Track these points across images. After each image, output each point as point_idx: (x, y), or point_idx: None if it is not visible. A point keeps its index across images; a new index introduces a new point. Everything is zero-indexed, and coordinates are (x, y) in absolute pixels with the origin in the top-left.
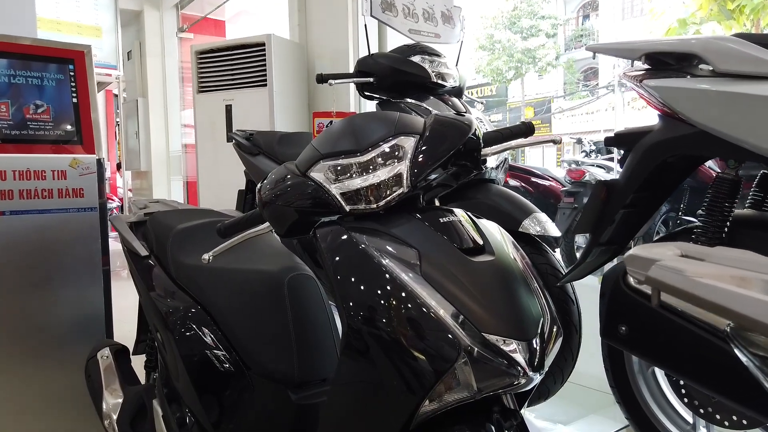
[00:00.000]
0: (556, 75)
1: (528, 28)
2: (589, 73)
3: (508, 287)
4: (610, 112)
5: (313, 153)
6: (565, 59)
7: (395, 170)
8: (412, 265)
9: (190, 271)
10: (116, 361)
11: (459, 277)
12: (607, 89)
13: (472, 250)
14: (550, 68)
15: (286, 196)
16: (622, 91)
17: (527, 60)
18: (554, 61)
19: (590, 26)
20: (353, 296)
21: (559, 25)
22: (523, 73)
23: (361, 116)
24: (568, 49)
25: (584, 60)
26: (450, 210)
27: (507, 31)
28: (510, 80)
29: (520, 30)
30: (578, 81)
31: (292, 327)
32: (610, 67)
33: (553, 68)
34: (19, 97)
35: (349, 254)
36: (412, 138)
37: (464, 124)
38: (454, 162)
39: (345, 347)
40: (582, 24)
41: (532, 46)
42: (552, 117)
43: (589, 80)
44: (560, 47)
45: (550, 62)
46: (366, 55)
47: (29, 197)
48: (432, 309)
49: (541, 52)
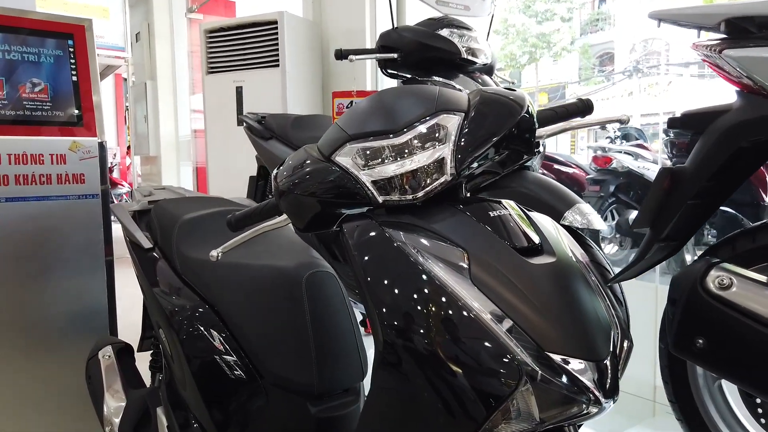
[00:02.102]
0: (571, 60)
1: (543, 12)
2: (604, 58)
3: (573, 295)
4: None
5: (338, 134)
6: (581, 44)
7: (436, 155)
8: (460, 267)
9: (197, 266)
10: (119, 360)
11: (516, 284)
12: (623, 74)
13: (528, 249)
14: (564, 53)
15: (307, 184)
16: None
17: (542, 45)
18: (569, 46)
19: (606, 10)
20: (387, 301)
21: (575, 9)
22: (538, 59)
23: (394, 91)
24: (584, 34)
25: (600, 45)
26: (498, 201)
27: (521, 15)
28: (524, 65)
29: (534, 14)
30: (593, 66)
31: (311, 331)
32: (626, 52)
33: (568, 53)
34: (14, 74)
35: (382, 253)
36: (455, 116)
37: (516, 101)
38: (504, 145)
39: (380, 361)
40: (598, 7)
41: (546, 30)
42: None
43: (605, 65)
44: (576, 32)
45: (565, 47)
46: (389, 29)
47: (26, 183)
48: (485, 322)
49: (556, 37)
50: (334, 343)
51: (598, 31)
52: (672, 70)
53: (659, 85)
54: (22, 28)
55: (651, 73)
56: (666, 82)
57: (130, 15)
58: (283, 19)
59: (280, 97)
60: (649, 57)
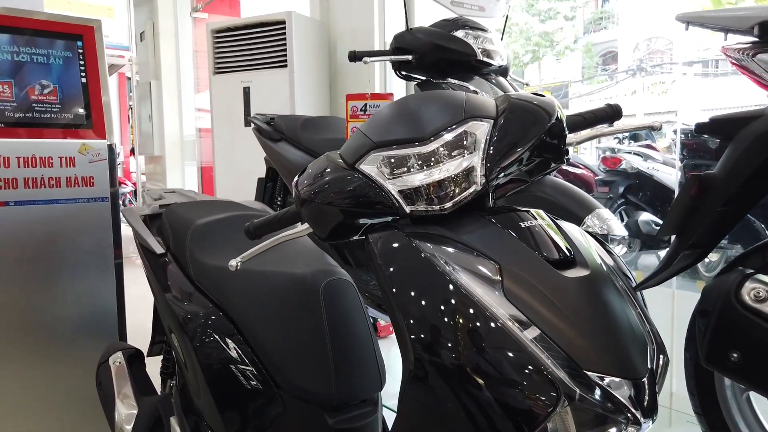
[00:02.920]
0: (574, 59)
1: (546, 10)
2: (608, 57)
3: (609, 310)
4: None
5: (362, 141)
6: (584, 42)
7: (466, 163)
8: (492, 281)
9: (212, 273)
10: (129, 366)
11: (551, 299)
12: (626, 73)
13: (560, 261)
14: (568, 52)
15: (329, 192)
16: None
17: (544, 43)
18: (572, 45)
19: (610, 9)
20: (415, 314)
21: (578, 8)
22: (540, 57)
23: (419, 97)
24: (587, 32)
25: (603, 44)
26: (526, 210)
27: (524, 13)
28: (526, 64)
29: (537, 12)
30: (597, 65)
31: (329, 340)
32: (629, 51)
33: (571, 52)
34: (23, 76)
35: (411, 265)
36: (484, 123)
37: (546, 107)
38: (534, 153)
39: (409, 375)
40: (602, 6)
41: (549, 29)
42: (569, 102)
43: (608, 64)
44: (579, 30)
45: (568, 46)
46: (404, 30)
47: (35, 186)
48: (520, 339)
49: (559, 36)
50: (352, 352)
51: (602, 30)
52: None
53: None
54: (30, 29)
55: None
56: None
57: (135, 14)
58: (291, 19)
59: (288, 98)
60: (652, 56)
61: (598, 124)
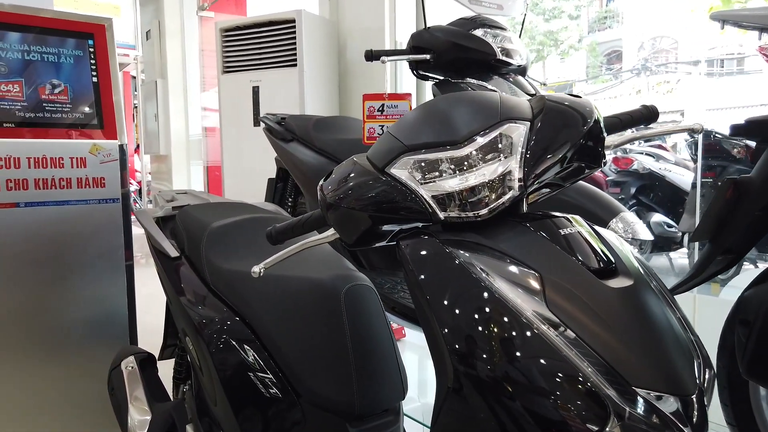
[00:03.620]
0: (579, 58)
1: (551, 9)
2: (612, 56)
3: (655, 323)
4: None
5: (393, 144)
6: (588, 42)
7: (502, 168)
8: (534, 291)
9: (228, 277)
10: (142, 371)
11: (596, 310)
12: (631, 73)
13: (602, 270)
14: (572, 51)
15: (357, 197)
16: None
17: (549, 42)
18: (577, 44)
19: (615, 8)
20: (451, 323)
21: (583, 7)
22: (545, 56)
23: (451, 98)
24: (592, 32)
25: (607, 43)
26: (564, 217)
27: (529, 12)
28: (531, 63)
29: (542, 11)
30: (601, 64)
31: (351, 347)
32: (634, 50)
33: (576, 51)
34: (33, 75)
35: (447, 275)
36: (521, 126)
37: (584, 108)
38: (572, 157)
39: (446, 386)
40: (606, 5)
41: (554, 28)
42: None
43: (613, 63)
44: (583, 29)
45: (573, 45)
46: (421, 29)
47: (46, 187)
48: (566, 353)
49: (564, 35)
50: (375, 360)
51: (606, 29)
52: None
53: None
54: (41, 28)
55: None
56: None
57: (141, 12)
58: (301, 17)
59: (297, 98)
60: (657, 55)
61: (633, 126)
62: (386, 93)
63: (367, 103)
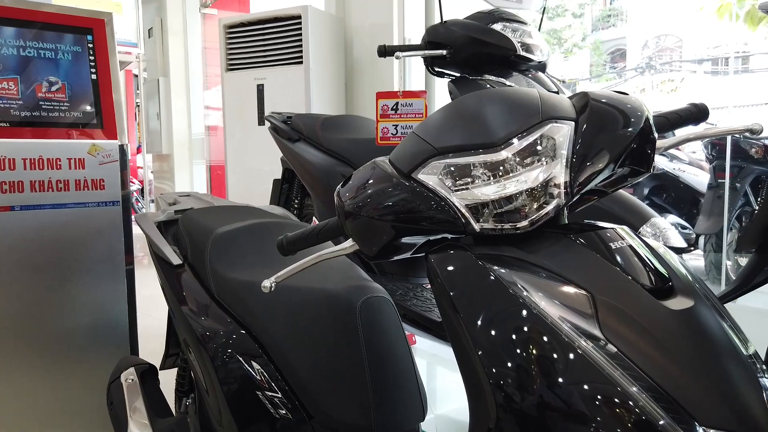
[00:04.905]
0: (582, 57)
1: (554, 8)
2: (616, 54)
3: (721, 349)
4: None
5: (420, 146)
6: (592, 40)
7: (546, 174)
8: (585, 315)
9: (234, 287)
10: (143, 384)
11: (656, 337)
12: (635, 71)
13: (659, 290)
14: (576, 49)
15: (379, 205)
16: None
17: (552, 41)
18: (581, 43)
19: (619, 6)
20: (485, 344)
21: (587, 5)
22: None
23: (482, 96)
24: (595, 30)
25: (612, 41)
26: (612, 228)
27: (532, 11)
28: None
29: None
30: (605, 63)
31: (367, 365)
32: (638, 49)
33: (579, 50)
34: (30, 72)
35: (484, 294)
36: (565, 126)
37: (635, 107)
38: (621, 162)
39: (485, 413)
40: (610, 3)
41: (558, 26)
42: None
43: (617, 62)
44: (587, 28)
45: (577, 43)
46: (437, 23)
47: (42, 189)
48: (625, 387)
49: (567, 33)
50: (393, 379)
51: (610, 28)
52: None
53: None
54: (38, 23)
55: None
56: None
57: (143, 10)
58: (307, 13)
59: (303, 96)
60: (661, 53)
61: (682, 126)
62: (400, 90)
63: (380, 101)
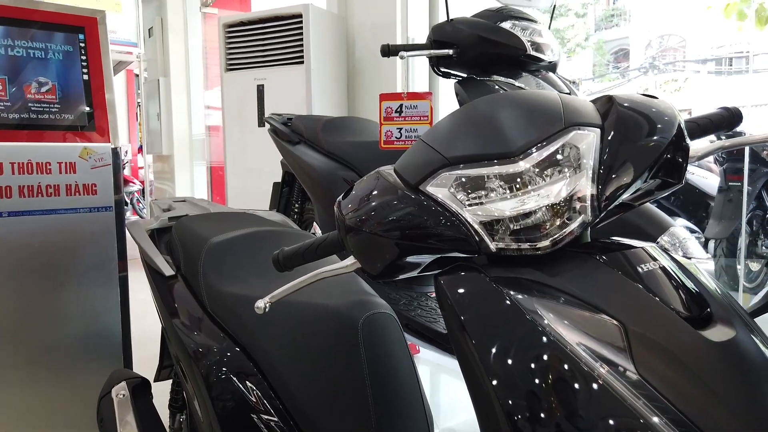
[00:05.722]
0: (585, 56)
1: (558, 6)
2: (619, 54)
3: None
4: None
5: (429, 155)
6: (595, 40)
7: (570, 187)
8: (616, 347)
9: (228, 300)
10: (134, 400)
11: (699, 374)
12: (639, 71)
13: (696, 318)
14: (579, 49)
15: (383, 220)
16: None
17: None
18: (583, 42)
19: (622, 5)
20: (500, 374)
21: (590, 5)
22: None
23: (495, 100)
24: (598, 30)
25: (615, 41)
26: (640, 246)
27: (535, 11)
28: None
29: (548, 9)
30: (608, 63)
31: (369, 385)
32: (642, 49)
33: (583, 49)
34: (18, 73)
35: (498, 320)
36: (590, 133)
37: (665, 111)
38: (654, 173)
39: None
40: (613, 3)
41: (560, 26)
42: None
43: (620, 62)
44: (590, 27)
45: (579, 43)
46: (443, 22)
47: (31, 195)
48: (657, 429)
49: (570, 33)
50: (397, 400)
51: (613, 27)
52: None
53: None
54: (27, 21)
55: (667, 70)
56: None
57: (143, 9)
58: (309, 12)
59: (304, 97)
60: (665, 53)
61: (713, 132)
62: (405, 92)
63: (384, 103)
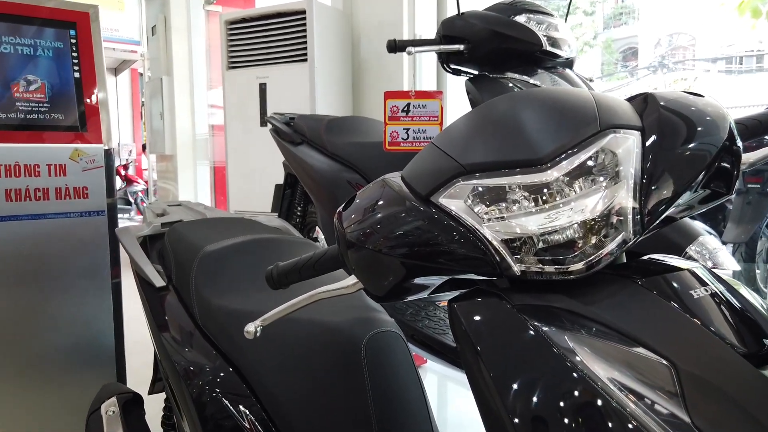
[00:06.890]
0: (594, 55)
1: (565, 5)
2: (628, 53)
3: None
4: None
5: (442, 162)
6: (603, 38)
7: (607, 200)
8: (666, 393)
9: (222, 316)
10: (125, 417)
11: (764, 423)
12: (647, 70)
13: (755, 354)
14: (587, 48)
15: (389, 235)
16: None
17: None
18: (592, 41)
19: (630, 4)
20: (523, 413)
21: (598, 3)
22: None
23: (516, 99)
24: (607, 28)
25: (623, 39)
26: (686, 269)
27: None
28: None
29: (556, 8)
30: (617, 61)
31: (374, 411)
32: (651, 47)
33: (591, 48)
34: (5, 70)
35: (520, 354)
36: (630, 137)
37: (714, 112)
38: (704, 182)
39: None
40: (622, 1)
41: (569, 24)
42: None
43: (629, 61)
44: (598, 26)
45: (588, 42)
46: (454, 15)
47: (19, 199)
48: None
49: (578, 31)
50: (402, 426)
51: (622, 26)
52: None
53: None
54: (15, 15)
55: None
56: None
57: (146, 7)
58: (312, 8)
59: (307, 96)
60: (674, 52)
61: (763, 135)
62: (412, 90)
63: (389, 102)
